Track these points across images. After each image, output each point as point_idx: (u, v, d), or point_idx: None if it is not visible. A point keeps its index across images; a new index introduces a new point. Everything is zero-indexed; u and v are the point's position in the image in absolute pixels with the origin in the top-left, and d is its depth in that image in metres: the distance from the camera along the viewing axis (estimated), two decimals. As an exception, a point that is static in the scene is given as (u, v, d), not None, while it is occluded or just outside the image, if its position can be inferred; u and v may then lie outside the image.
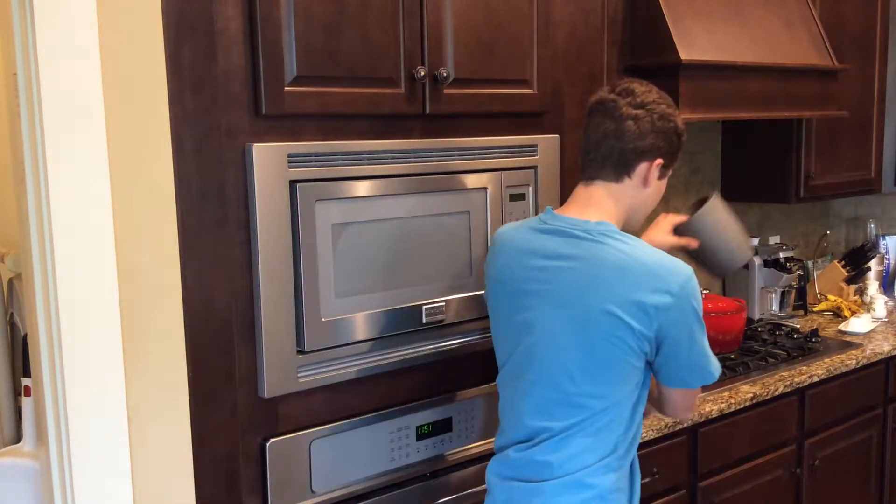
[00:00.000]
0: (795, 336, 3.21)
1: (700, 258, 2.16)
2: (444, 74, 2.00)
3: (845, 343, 3.18)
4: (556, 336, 1.73)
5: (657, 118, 1.76)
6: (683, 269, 1.70)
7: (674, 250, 2.00)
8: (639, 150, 1.76)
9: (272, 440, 1.85)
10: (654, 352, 1.73)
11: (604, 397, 1.72)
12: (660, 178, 1.81)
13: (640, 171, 1.78)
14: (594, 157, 1.79)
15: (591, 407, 1.72)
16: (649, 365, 1.76)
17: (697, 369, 1.77)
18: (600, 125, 1.78)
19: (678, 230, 2.09)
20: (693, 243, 2.09)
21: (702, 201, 2.15)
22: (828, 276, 3.78)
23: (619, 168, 1.77)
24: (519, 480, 1.79)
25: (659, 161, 1.78)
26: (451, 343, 2.09)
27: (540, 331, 1.75)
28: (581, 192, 1.82)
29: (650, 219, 2.02)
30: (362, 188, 1.90)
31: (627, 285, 1.67)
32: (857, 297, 3.71)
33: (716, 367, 1.80)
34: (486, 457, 1.90)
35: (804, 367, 2.89)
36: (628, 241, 1.73)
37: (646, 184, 1.79)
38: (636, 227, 1.86)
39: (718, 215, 2.13)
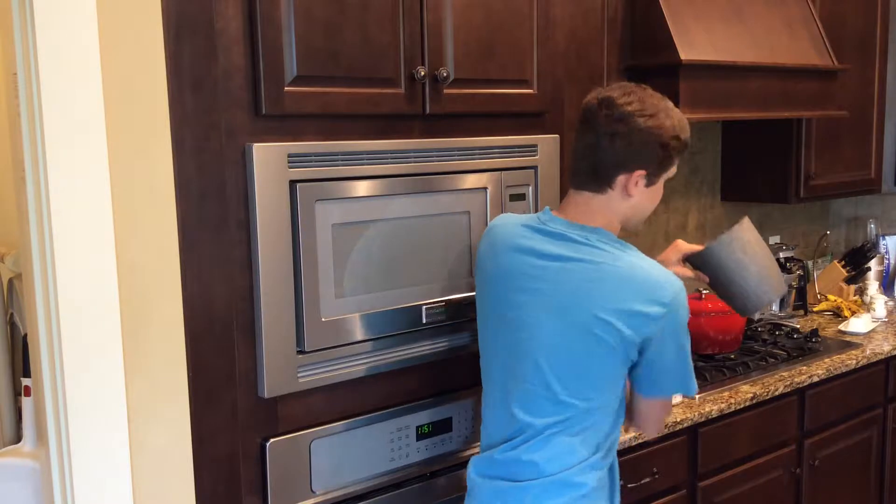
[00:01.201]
0: (795, 336, 3.21)
1: (716, 293, 2.06)
2: (444, 74, 2.00)
3: (845, 343, 3.18)
4: (547, 335, 1.76)
5: (635, 132, 1.72)
6: (675, 281, 1.74)
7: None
8: (614, 163, 1.75)
9: (272, 440, 1.85)
10: (638, 357, 1.76)
11: (589, 399, 1.76)
12: (648, 185, 1.79)
13: (619, 182, 1.76)
14: (579, 166, 1.81)
15: (574, 406, 1.75)
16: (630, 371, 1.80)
17: (677, 376, 1.81)
18: (583, 136, 1.79)
19: (690, 260, 2.04)
20: (703, 278, 2.03)
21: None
22: (828, 276, 3.78)
23: (599, 180, 1.77)
24: (504, 479, 1.81)
25: (640, 172, 1.75)
26: (452, 343, 2.09)
27: (531, 328, 1.78)
28: (573, 197, 1.83)
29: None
30: (362, 188, 1.90)
31: (623, 293, 1.71)
32: (857, 297, 3.71)
33: (694, 381, 1.83)
34: (486, 457, 1.90)
35: (804, 367, 2.89)
36: (625, 250, 1.76)
37: (628, 194, 1.77)
38: (636, 228, 1.89)
39: (731, 253, 1.96)
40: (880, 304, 3.52)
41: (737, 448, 2.68)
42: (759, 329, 3.31)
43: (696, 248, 2.04)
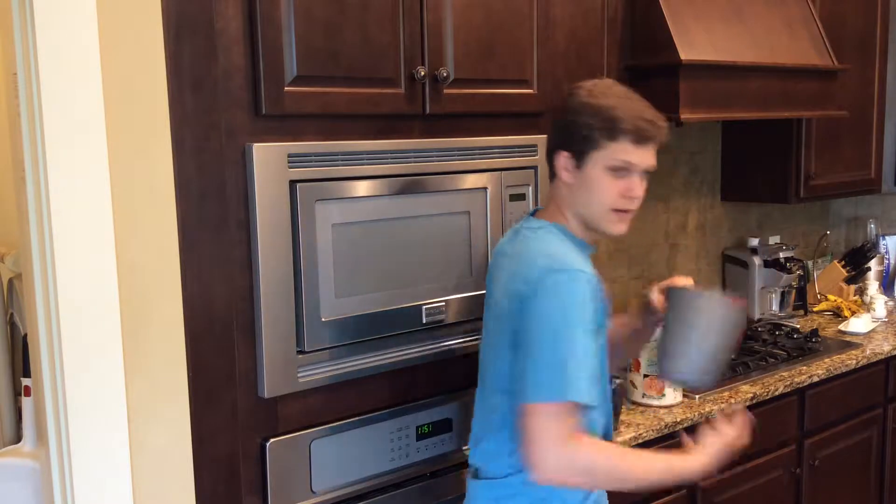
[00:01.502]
0: (795, 336, 3.21)
1: None
2: (444, 74, 2.00)
3: (845, 343, 3.18)
4: (484, 334, 1.83)
5: (560, 112, 1.75)
6: (565, 263, 1.63)
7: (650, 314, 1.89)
8: (549, 147, 1.78)
9: (272, 440, 1.85)
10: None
11: (511, 394, 1.68)
12: (578, 167, 1.70)
13: (555, 167, 1.75)
14: None
15: (496, 403, 1.76)
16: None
17: (553, 371, 1.58)
18: None
19: (667, 293, 1.85)
20: (658, 315, 1.85)
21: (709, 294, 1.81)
22: (828, 276, 3.78)
23: (550, 169, 1.79)
24: (472, 477, 1.86)
25: (563, 153, 1.72)
26: (451, 343, 2.09)
27: (485, 329, 1.84)
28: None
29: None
30: (362, 188, 1.90)
31: (512, 269, 1.71)
32: (857, 297, 3.71)
33: (581, 387, 1.57)
34: (486, 457, 1.91)
35: (804, 367, 2.89)
36: (541, 236, 1.74)
37: (560, 177, 1.74)
38: (594, 226, 1.75)
39: (683, 311, 1.76)
40: (880, 304, 3.52)
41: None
42: (759, 329, 3.31)
43: (679, 285, 1.85)
